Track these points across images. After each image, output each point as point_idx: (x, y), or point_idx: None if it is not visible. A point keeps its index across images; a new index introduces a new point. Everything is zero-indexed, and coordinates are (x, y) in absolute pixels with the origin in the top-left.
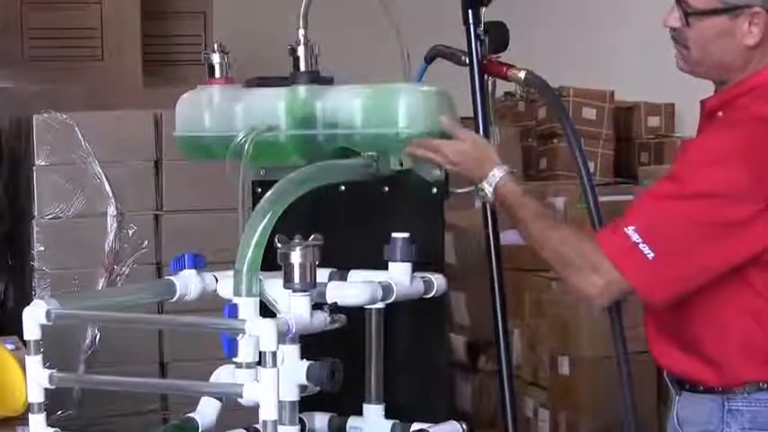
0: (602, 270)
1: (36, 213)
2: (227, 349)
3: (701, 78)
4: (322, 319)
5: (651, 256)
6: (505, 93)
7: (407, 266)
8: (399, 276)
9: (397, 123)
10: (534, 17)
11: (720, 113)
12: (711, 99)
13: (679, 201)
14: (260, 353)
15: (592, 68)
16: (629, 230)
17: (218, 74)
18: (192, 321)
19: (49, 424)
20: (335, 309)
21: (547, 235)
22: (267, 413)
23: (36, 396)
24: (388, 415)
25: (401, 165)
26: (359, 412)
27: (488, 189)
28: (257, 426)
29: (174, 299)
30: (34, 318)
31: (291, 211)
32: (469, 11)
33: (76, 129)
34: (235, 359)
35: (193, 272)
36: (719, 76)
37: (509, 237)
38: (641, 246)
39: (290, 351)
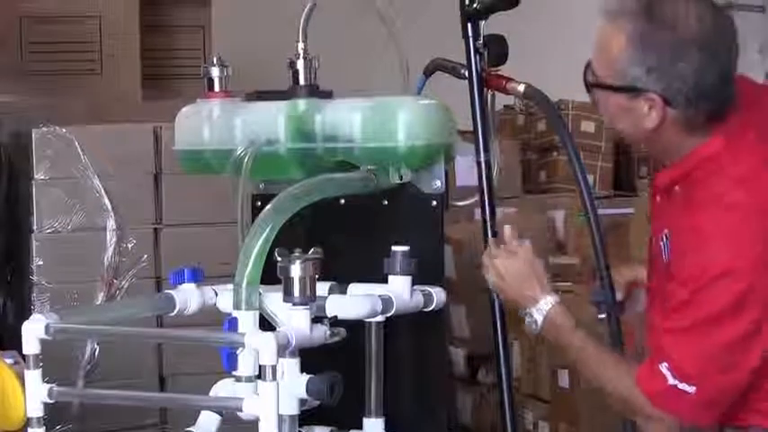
0: (654, 415)
1: (35, 227)
2: (226, 363)
3: None
4: (322, 333)
5: (693, 390)
6: (505, 106)
7: (407, 280)
8: (399, 290)
9: (396, 137)
10: (534, 31)
11: (677, 188)
12: (662, 174)
13: (697, 328)
14: (260, 366)
15: None
16: (664, 369)
17: (217, 88)
18: (192, 335)
19: None
20: (335, 322)
21: (600, 381)
22: (267, 427)
23: (35, 410)
24: (387, 428)
25: (401, 178)
26: (359, 426)
27: (538, 317)
28: None
29: (174, 313)
30: (33, 332)
31: (291, 225)
32: (468, 24)
33: (76, 143)
34: (234, 373)
35: (193, 285)
36: (646, 150)
37: None
38: (680, 386)
39: (290, 365)
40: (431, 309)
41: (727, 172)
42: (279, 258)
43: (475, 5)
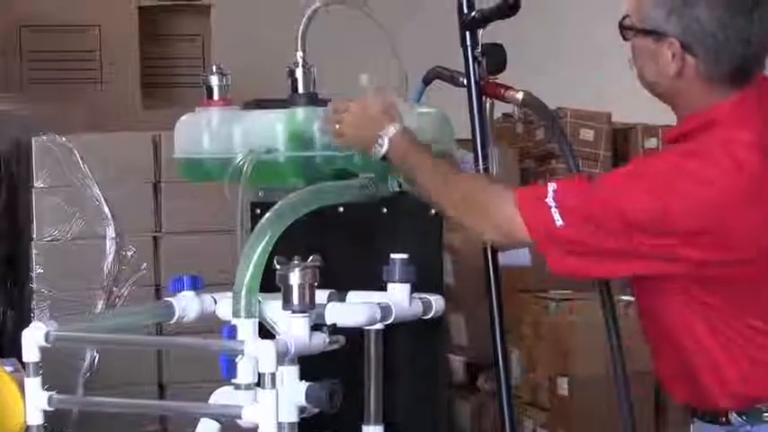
0: (508, 220)
1: (35, 235)
2: (225, 371)
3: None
4: (321, 341)
5: (560, 224)
6: (503, 114)
7: (406, 287)
8: (398, 297)
9: None
10: (532, 39)
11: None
12: (670, 131)
13: (609, 194)
14: (259, 374)
15: (589, 90)
16: (550, 189)
17: (216, 96)
18: (191, 343)
19: None
20: (334, 330)
21: (451, 177)
22: None
23: (35, 418)
24: None
25: (399, 186)
26: None
27: (382, 142)
28: None
29: (173, 320)
30: (33, 340)
31: (290, 233)
32: (467, 33)
33: (75, 151)
34: (234, 380)
35: (192, 293)
36: (664, 100)
37: (508, 258)
38: (553, 210)
39: (289, 372)
40: (430, 316)
41: (723, 132)
42: (278, 266)
43: (473, 14)
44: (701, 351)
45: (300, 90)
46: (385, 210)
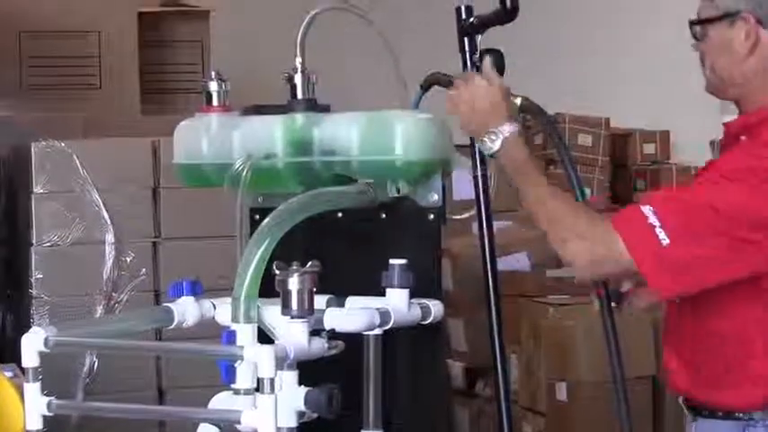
0: (599, 239)
1: (34, 241)
2: (225, 376)
3: (726, 100)
4: (320, 346)
5: (666, 242)
6: None
7: (405, 293)
8: (397, 303)
9: (393, 150)
10: (530, 44)
11: (744, 137)
12: (734, 122)
13: (705, 196)
14: (258, 379)
15: (587, 95)
16: (647, 210)
17: (215, 102)
18: (190, 348)
19: None
20: (333, 335)
21: (554, 193)
22: None
23: (35, 423)
24: None
25: (398, 191)
26: None
27: (497, 138)
28: None
29: (173, 326)
30: (33, 345)
31: (289, 238)
32: (465, 38)
33: (75, 157)
34: (233, 385)
35: (191, 299)
36: (736, 95)
37: (506, 263)
38: (657, 230)
39: (289, 377)
40: (429, 322)
41: None
42: (277, 271)
43: (471, 20)
44: (743, 340)
45: (299, 96)
46: (384, 215)
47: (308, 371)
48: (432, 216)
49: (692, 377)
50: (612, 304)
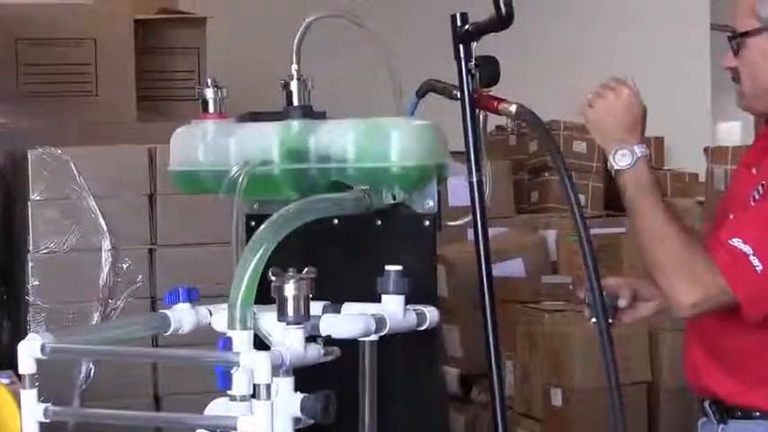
0: (708, 283)
1: (31, 248)
2: (221, 382)
3: (761, 116)
4: (316, 352)
5: (760, 268)
6: (497, 126)
7: (400, 299)
8: (392, 309)
9: (389, 157)
10: (526, 50)
11: None
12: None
13: None
14: (254, 386)
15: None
16: (737, 242)
17: (211, 109)
18: (187, 355)
19: None
20: (329, 341)
21: (668, 224)
22: None
23: (31, 430)
24: None
25: (394, 198)
26: None
27: (631, 156)
28: None
29: (169, 332)
30: (29, 352)
31: (285, 245)
32: (460, 46)
33: (71, 164)
34: (229, 392)
35: (188, 305)
36: None
37: (501, 269)
38: (751, 257)
39: (284, 384)
40: (424, 328)
41: None
42: (273, 278)
43: (467, 27)
44: None
45: (295, 103)
46: (379, 222)
47: (305, 377)
48: (427, 222)
49: (727, 377)
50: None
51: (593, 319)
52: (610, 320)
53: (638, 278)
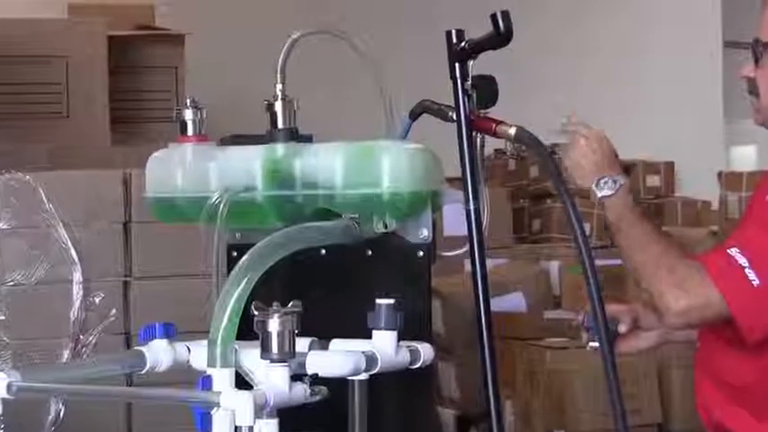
0: (697, 288)
1: None
2: (200, 424)
3: None
4: (302, 392)
5: (756, 283)
6: (495, 150)
7: (392, 335)
8: (384, 345)
9: (380, 183)
10: (526, 71)
11: None
12: None
13: None
14: (236, 428)
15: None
16: (734, 252)
17: (190, 131)
18: (163, 394)
19: None
20: (316, 380)
21: (651, 240)
22: None
23: None
24: None
25: (385, 227)
26: None
27: (613, 185)
28: None
29: (144, 371)
30: None
31: (269, 277)
32: (456, 64)
33: (40, 190)
34: None
35: (164, 342)
36: None
37: (501, 303)
38: (747, 270)
39: (268, 426)
40: (418, 366)
41: None
42: (256, 312)
43: (463, 45)
44: None
45: (280, 125)
46: (370, 252)
47: (290, 418)
48: (421, 253)
49: (739, 409)
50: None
51: (591, 344)
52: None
53: (645, 307)
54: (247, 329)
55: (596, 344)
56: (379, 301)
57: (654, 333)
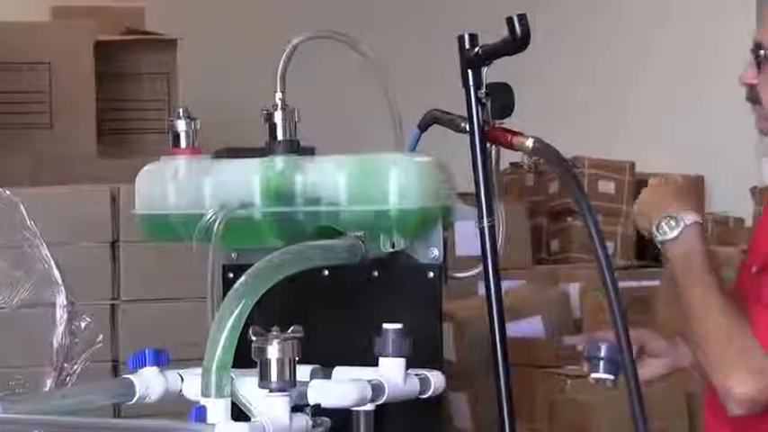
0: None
1: None
2: None
3: None
4: (303, 424)
5: None
6: (511, 164)
7: (400, 362)
8: (391, 374)
9: (387, 199)
10: (544, 78)
11: None
12: None
13: None
14: None
15: (610, 136)
16: None
17: (183, 143)
18: (154, 426)
19: None
20: (318, 411)
21: (724, 309)
22: None
23: None
24: None
25: (393, 246)
26: None
27: (676, 225)
28: None
29: (134, 401)
30: None
31: (267, 300)
32: (469, 71)
33: (21, 206)
34: None
35: (155, 369)
36: None
37: (517, 328)
38: None
39: None
40: (428, 395)
41: None
42: (254, 338)
43: (476, 50)
44: None
45: (280, 137)
46: (376, 273)
47: None
48: (431, 274)
49: None
50: (609, 377)
51: (593, 375)
52: (612, 378)
53: (653, 332)
54: (244, 356)
55: (598, 375)
56: (386, 325)
57: (661, 361)
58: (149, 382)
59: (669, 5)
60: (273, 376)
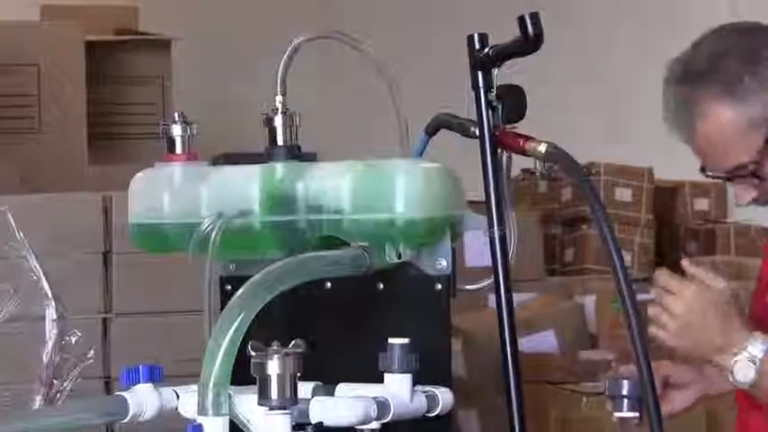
0: None
1: None
2: None
3: None
4: None
5: None
6: (523, 170)
7: (407, 379)
8: (397, 391)
9: (393, 207)
10: (557, 80)
11: None
12: None
13: None
14: None
15: (627, 141)
16: None
17: (179, 149)
18: None
19: None
20: (321, 430)
21: None
22: None
23: None
24: None
25: (399, 257)
26: None
27: (749, 366)
28: None
29: (127, 419)
30: None
31: (267, 313)
32: (479, 73)
33: (9, 215)
34: None
35: (149, 386)
36: None
37: (530, 343)
38: None
39: None
40: (436, 413)
41: None
42: (253, 353)
43: (486, 51)
44: None
45: (280, 142)
46: (381, 285)
47: None
48: (439, 286)
49: None
50: (634, 414)
51: (616, 414)
52: (637, 416)
53: (675, 363)
54: (243, 373)
55: (622, 414)
56: (391, 340)
57: (688, 391)
58: (144, 400)
59: (688, 7)
60: (273, 393)
